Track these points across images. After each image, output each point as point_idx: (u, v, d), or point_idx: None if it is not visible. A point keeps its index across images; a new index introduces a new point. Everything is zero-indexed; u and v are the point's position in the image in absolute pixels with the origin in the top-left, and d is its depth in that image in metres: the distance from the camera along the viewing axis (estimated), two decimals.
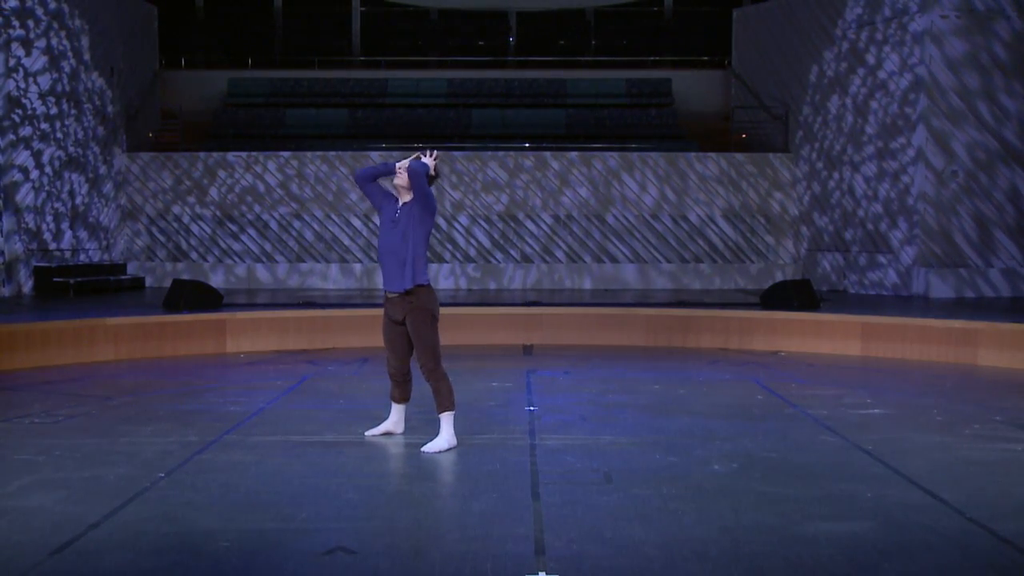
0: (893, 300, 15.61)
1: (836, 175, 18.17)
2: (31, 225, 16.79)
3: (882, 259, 16.94)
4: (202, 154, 19.83)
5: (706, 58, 23.78)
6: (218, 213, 19.74)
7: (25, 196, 16.62)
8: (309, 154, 19.70)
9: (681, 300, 15.61)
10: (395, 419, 6.82)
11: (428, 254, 7.01)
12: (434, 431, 6.46)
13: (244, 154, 19.72)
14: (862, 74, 17.44)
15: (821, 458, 6.24)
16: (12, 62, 16.23)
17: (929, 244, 16.17)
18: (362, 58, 24.77)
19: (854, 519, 4.86)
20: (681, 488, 5.42)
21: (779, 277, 18.56)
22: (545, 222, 19.63)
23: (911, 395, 8.81)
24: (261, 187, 19.69)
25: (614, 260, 19.60)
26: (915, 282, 16.27)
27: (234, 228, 19.75)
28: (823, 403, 8.30)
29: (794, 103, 19.46)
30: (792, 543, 4.47)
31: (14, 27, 16.22)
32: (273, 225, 19.71)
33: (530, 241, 19.64)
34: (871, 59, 17.20)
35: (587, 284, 19.55)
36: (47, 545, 4.33)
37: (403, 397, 6.73)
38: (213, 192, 19.72)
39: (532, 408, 8.01)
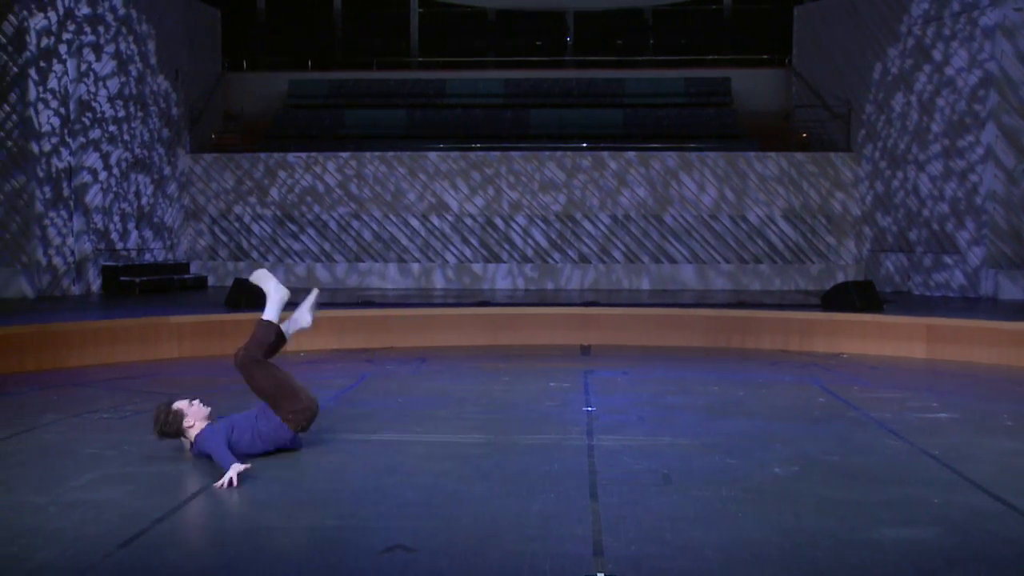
0: (960, 302, 15.28)
1: (900, 174, 17.85)
2: (99, 225, 17.17)
3: (948, 260, 16.59)
4: (263, 155, 20.12)
5: (766, 56, 23.50)
6: (278, 213, 20.00)
7: (94, 197, 17.00)
8: (368, 155, 19.87)
9: (740, 301, 15.45)
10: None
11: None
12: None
13: (304, 155, 19.96)
14: (928, 71, 17.10)
15: (885, 462, 6.13)
16: (84, 67, 16.62)
17: (998, 244, 15.80)
18: (420, 59, 24.93)
19: (920, 525, 4.76)
20: (740, 490, 5.36)
21: (841, 278, 18.28)
22: (603, 222, 19.57)
23: (979, 399, 8.61)
24: (321, 187, 19.90)
25: (672, 260, 19.46)
26: (983, 283, 15.91)
27: (294, 228, 20.00)
28: (887, 406, 8.15)
29: (856, 101, 19.15)
30: (855, 548, 4.39)
31: (86, 33, 16.61)
32: (332, 225, 19.92)
33: (588, 241, 19.59)
34: (938, 55, 16.85)
35: (645, 284, 19.44)
36: (116, 537, 4.42)
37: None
38: (274, 192, 19.99)
39: (590, 409, 7.98)
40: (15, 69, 15.46)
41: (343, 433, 6.91)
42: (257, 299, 13.00)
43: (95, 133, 17.00)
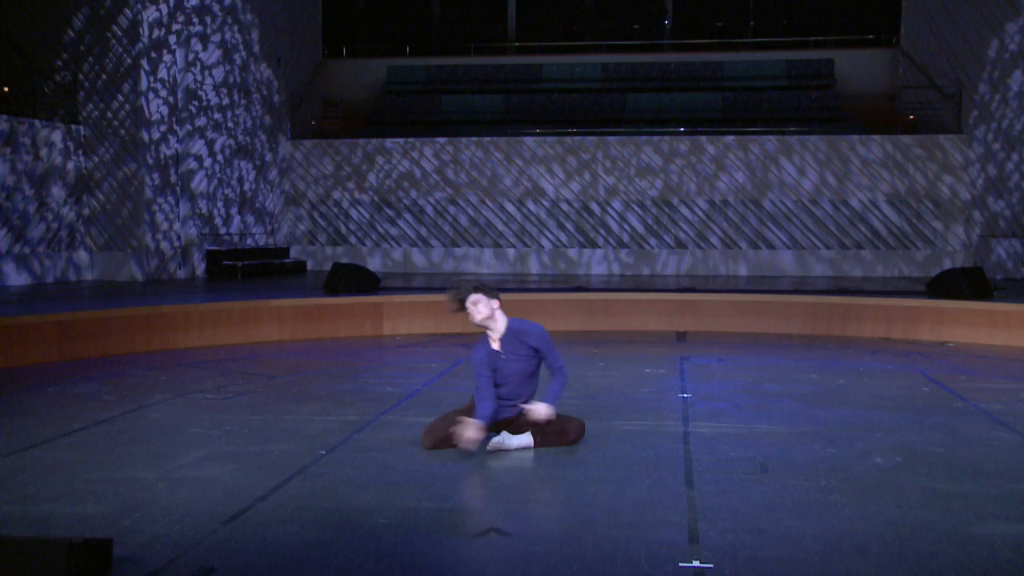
0: None
1: (1015, 156, 17.14)
2: (204, 210, 17.68)
3: None
4: (361, 141, 20.42)
5: (872, 36, 22.81)
6: (376, 198, 20.28)
7: (199, 183, 17.51)
8: (464, 140, 19.99)
9: (841, 288, 15.08)
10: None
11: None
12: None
13: (401, 140, 20.19)
14: None
15: (995, 455, 5.91)
16: (191, 56, 17.10)
17: None
18: (517, 44, 24.93)
19: None
20: (840, 480, 5.24)
21: (948, 265, 17.70)
22: (700, 207, 19.31)
23: None
24: (418, 173, 20.11)
25: (771, 246, 19.10)
26: None
27: (391, 213, 20.26)
28: (997, 397, 7.86)
29: (969, 81, 18.45)
30: (964, 543, 4.25)
31: (194, 23, 17.09)
32: (429, 210, 20.11)
33: (684, 227, 19.36)
34: None
35: (742, 271, 19.13)
36: (220, 515, 4.56)
37: None
38: (371, 178, 20.28)
39: (686, 395, 7.90)
40: (128, 60, 16.00)
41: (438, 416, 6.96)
42: (355, 283, 13.23)
43: (201, 121, 17.49)
